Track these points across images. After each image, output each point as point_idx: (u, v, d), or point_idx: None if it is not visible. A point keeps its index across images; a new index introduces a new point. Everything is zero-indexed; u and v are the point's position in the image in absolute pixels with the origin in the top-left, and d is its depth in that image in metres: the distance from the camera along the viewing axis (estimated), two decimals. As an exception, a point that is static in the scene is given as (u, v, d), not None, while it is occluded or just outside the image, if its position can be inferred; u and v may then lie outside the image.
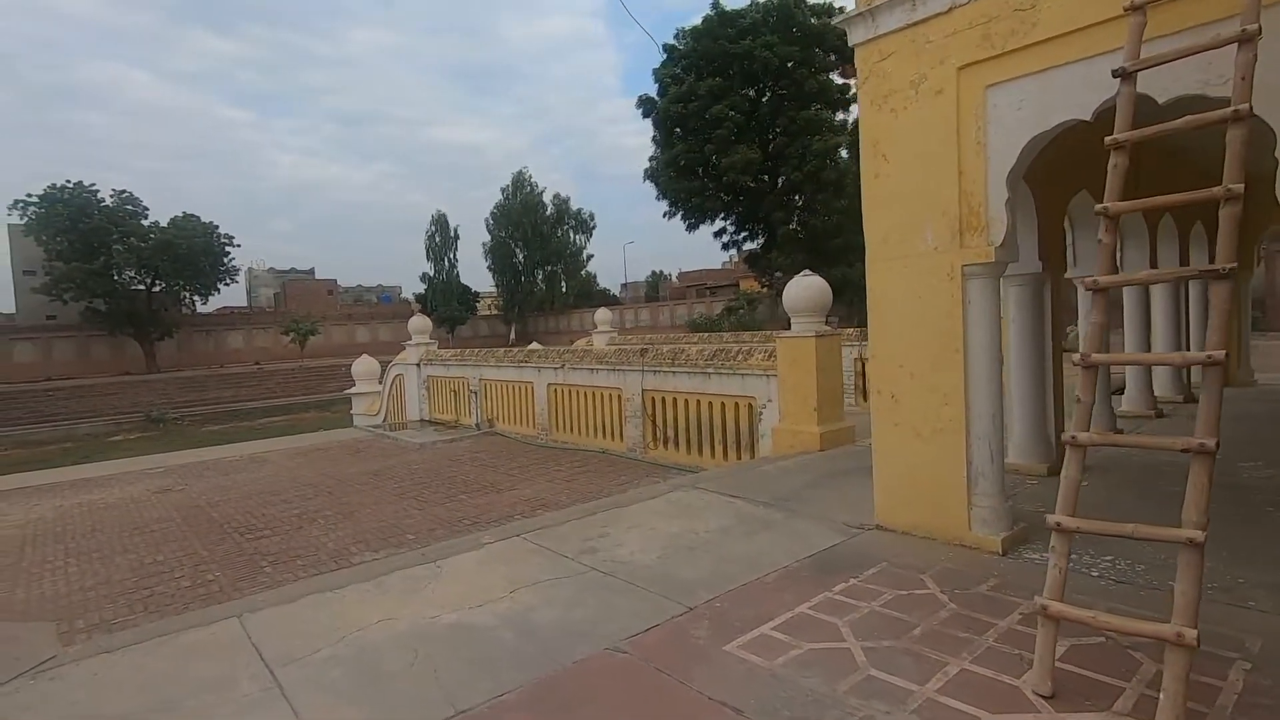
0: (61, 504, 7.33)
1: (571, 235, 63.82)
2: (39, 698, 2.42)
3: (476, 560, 3.65)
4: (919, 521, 3.61)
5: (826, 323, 6.30)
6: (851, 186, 27.21)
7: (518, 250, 61.76)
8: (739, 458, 6.87)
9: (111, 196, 40.47)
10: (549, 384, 9.47)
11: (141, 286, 41.68)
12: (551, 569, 3.45)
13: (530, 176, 62.62)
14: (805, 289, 6.06)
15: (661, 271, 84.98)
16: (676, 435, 7.58)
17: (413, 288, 75.86)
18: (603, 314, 15.84)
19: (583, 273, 66.82)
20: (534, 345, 13.96)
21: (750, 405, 6.74)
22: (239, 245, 44.59)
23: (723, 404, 7.05)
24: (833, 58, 28.06)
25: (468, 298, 61.36)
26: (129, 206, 41.05)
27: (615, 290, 74.60)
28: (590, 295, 66.08)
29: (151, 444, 30.88)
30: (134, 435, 33.39)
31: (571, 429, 9.10)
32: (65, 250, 38.32)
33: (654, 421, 7.83)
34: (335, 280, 61.53)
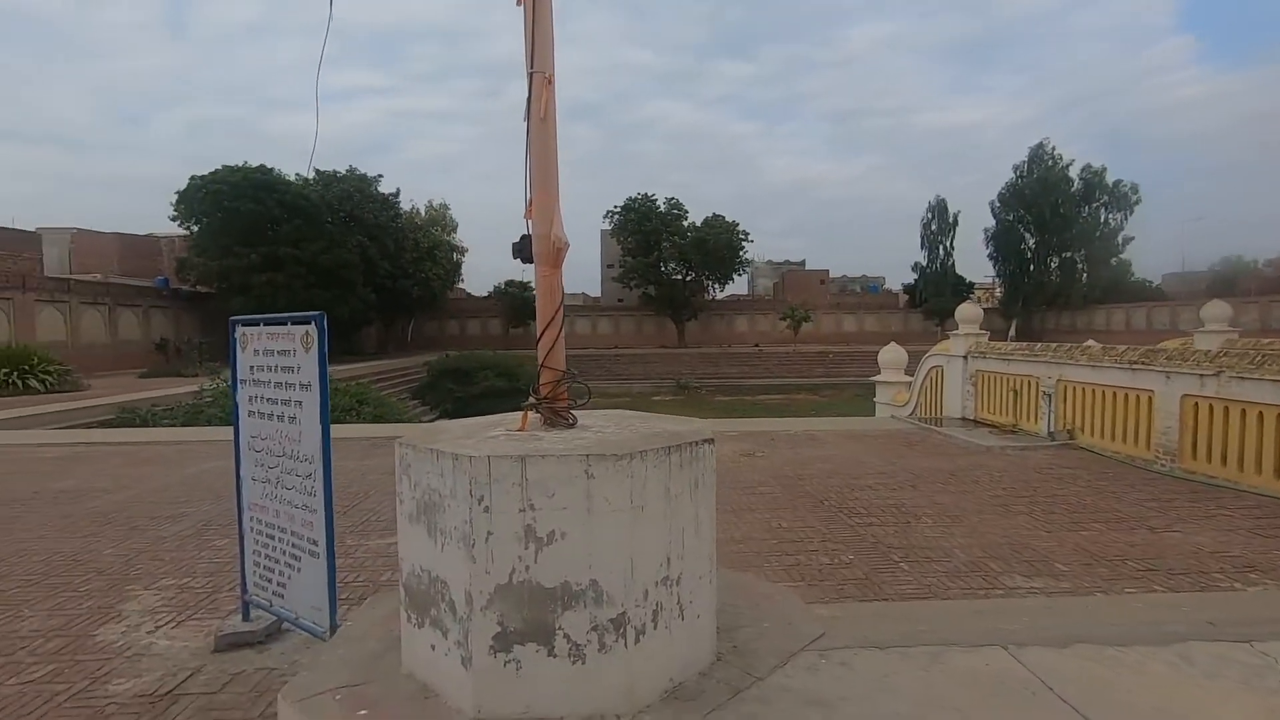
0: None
1: (1103, 214, 52.59)
2: (856, 691, 2.23)
3: (1335, 662, 2.39)
4: None
5: None
6: None
7: (1028, 235, 53.96)
8: None
9: (664, 203, 49.77)
10: (1184, 395, 7.16)
11: (679, 277, 50.45)
12: None
13: (1053, 149, 53.73)
14: None
15: (1242, 256, 63.30)
16: None
17: (897, 278, 74.01)
18: (1216, 308, 11.82)
19: (1114, 260, 54.42)
20: (1090, 343, 11.20)
21: None
22: (752, 240, 50.05)
23: None
24: None
25: (961, 288, 56.48)
26: (674, 211, 49.88)
27: (1156, 280, 58.69)
28: (1121, 287, 53.49)
29: (681, 406, 37.22)
30: (667, 397, 40.79)
31: (1227, 460, 6.68)
32: (632, 248, 48.90)
33: None
34: (827, 270, 64.10)
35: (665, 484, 2.17)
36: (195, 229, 31.76)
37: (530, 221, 2.63)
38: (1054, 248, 53.55)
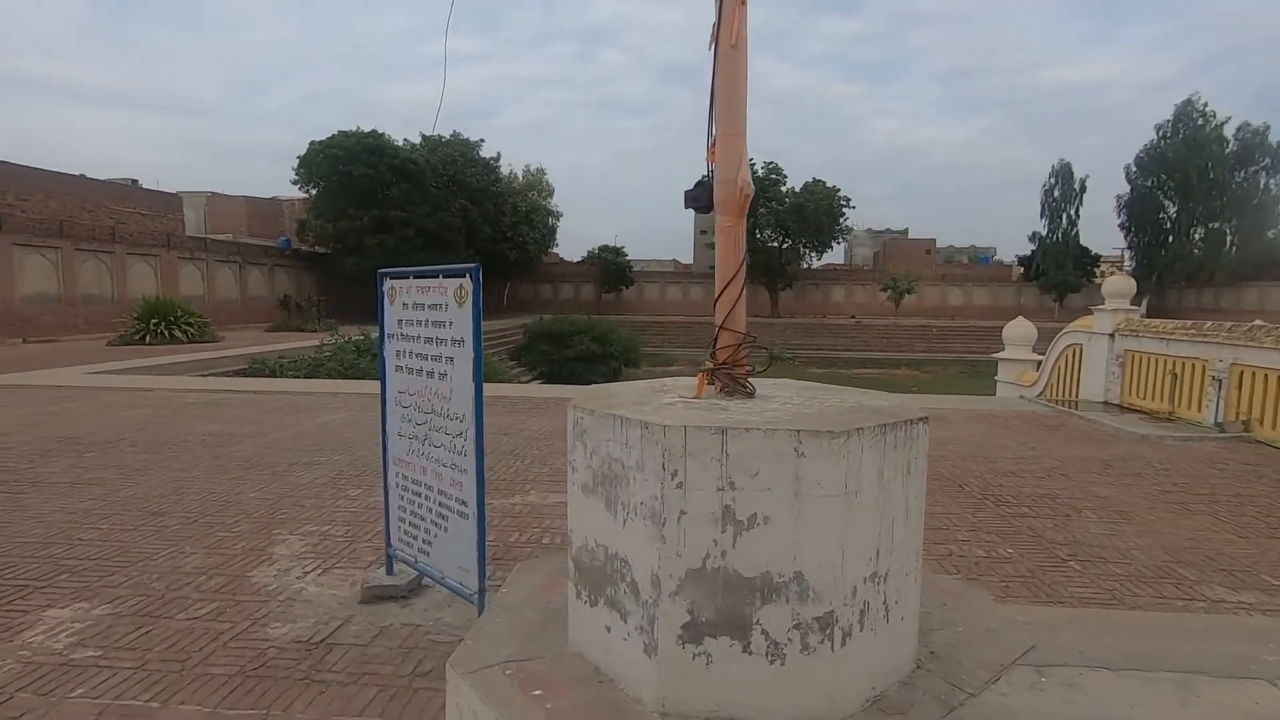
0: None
1: (1263, 179, 46.79)
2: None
3: None
4: None
5: None
6: None
7: (1168, 202, 48.86)
8: None
9: (762, 167, 48.15)
10: (1407, 387, 6.10)
11: (775, 244, 49.01)
12: None
13: (1204, 105, 48.09)
14: None
15: None
16: None
17: (1009, 249, 69.13)
18: None
19: (1272, 231, 48.38)
20: (1258, 322, 9.82)
21: None
22: (853, 207, 47.82)
23: None
24: None
25: (1085, 261, 52.01)
26: (773, 176, 48.21)
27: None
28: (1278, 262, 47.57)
29: (773, 377, 36.61)
30: (759, 368, 40.06)
31: None
32: (728, 214, 47.77)
33: None
34: (933, 240, 60.57)
35: (879, 467, 1.87)
36: (314, 192, 33.55)
37: (712, 165, 2.35)
38: (1199, 217, 48.19)
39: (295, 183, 34.01)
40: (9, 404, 9.16)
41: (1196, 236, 48.85)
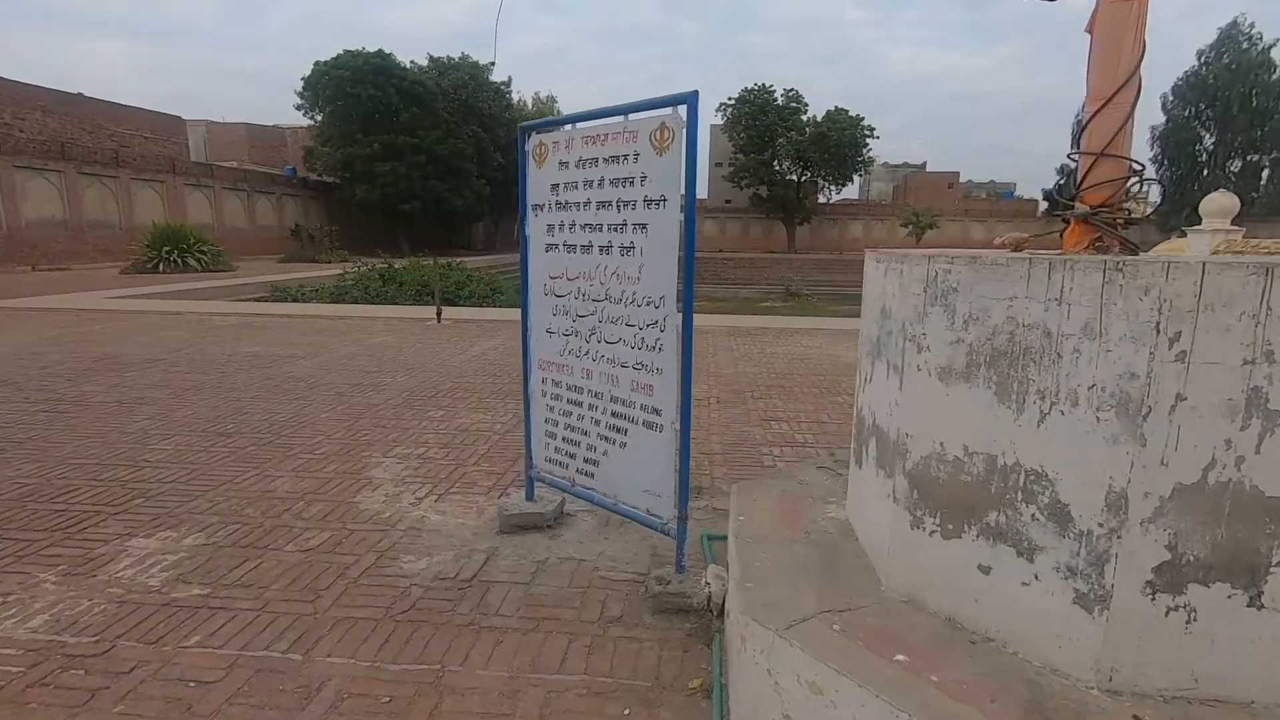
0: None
1: (1310, 108, 44.66)
2: None
3: None
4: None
5: None
6: None
7: (1205, 134, 46.86)
8: None
9: (782, 95, 46.06)
10: None
11: (794, 176, 47.34)
12: None
13: (1251, 26, 45.54)
14: None
15: None
16: None
17: (1031, 186, 67.23)
18: None
19: (1313, 164, 46.66)
20: None
21: None
22: (877, 137, 45.89)
23: None
24: None
25: (1114, 196, 50.15)
26: (793, 104, 46.15)
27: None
28: (1317, 198, 46.00)
29: (791, 312, 35.84)
30: (777, 303, 39.25)
31: None
32: (745, 144, 45.93)
33: None
34: (957, 173, 58.62)
35: None
36: (319, 118, 32.02)
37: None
38: (1236, 148, 46.33)
39: (299, 107, 32.41)
40: (33, 326, 8.55)
41: (1232, 170, 47.07)
